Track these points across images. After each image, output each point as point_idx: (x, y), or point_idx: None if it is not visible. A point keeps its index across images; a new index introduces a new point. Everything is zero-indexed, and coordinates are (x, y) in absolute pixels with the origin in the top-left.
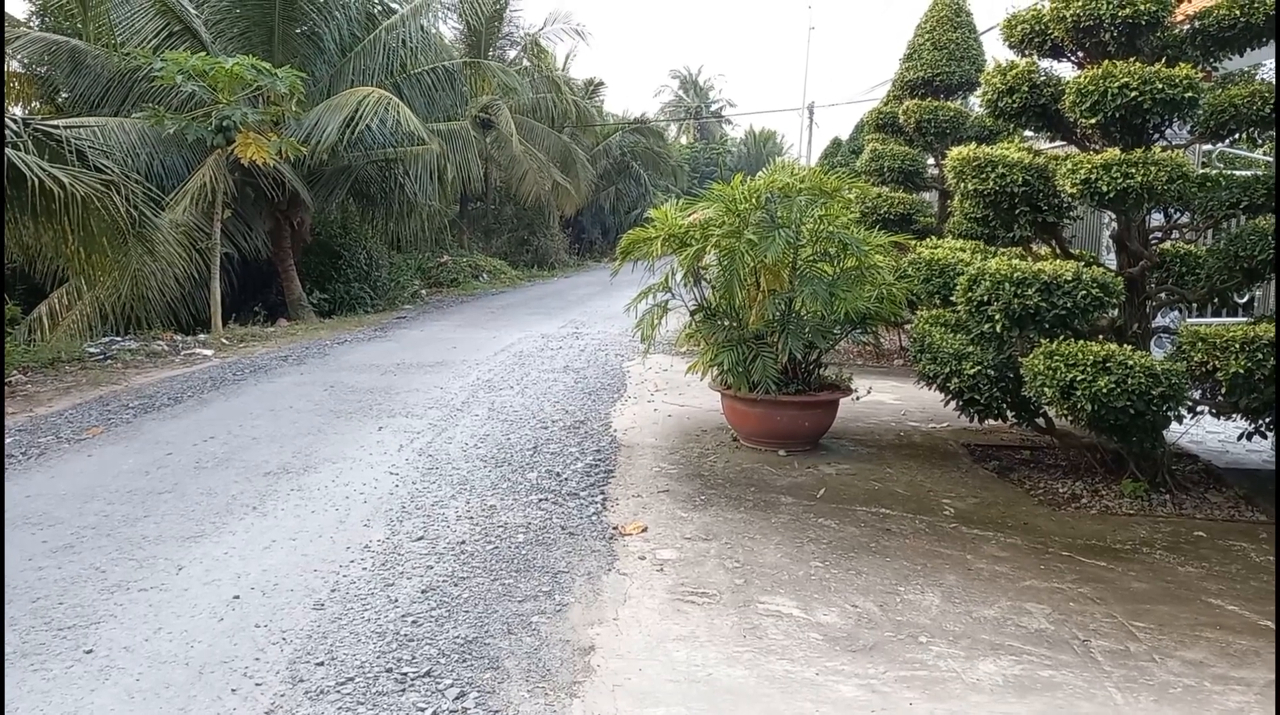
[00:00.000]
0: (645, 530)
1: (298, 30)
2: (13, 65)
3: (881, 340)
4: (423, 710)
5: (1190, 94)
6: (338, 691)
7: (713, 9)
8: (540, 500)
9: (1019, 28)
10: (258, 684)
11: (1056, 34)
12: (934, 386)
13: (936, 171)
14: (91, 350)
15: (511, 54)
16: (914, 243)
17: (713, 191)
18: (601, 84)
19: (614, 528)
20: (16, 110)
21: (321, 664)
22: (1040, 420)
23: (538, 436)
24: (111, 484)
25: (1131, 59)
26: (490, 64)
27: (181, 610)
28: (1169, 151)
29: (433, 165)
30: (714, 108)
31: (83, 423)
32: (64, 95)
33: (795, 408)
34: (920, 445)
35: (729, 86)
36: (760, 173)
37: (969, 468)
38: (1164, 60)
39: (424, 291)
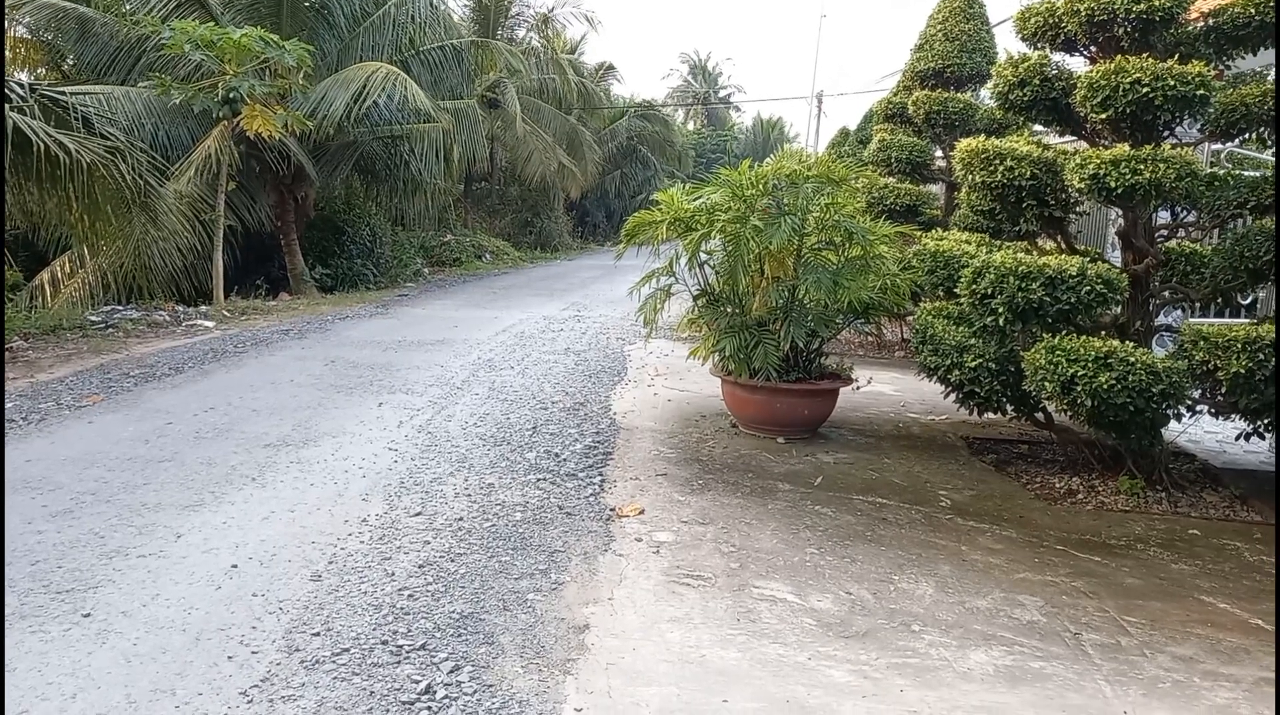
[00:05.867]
0: (642, 512)
1: (306, 3)
2: (19, 31)
3: (884, 331)
4: (417, 682)
5: (1202, 91)
6: (333, 661)
7: None
8: (538, 480)
9: (1032, 20)
10: (254, 652)
11: (1070, 27)
12: (934, 378)
13: (944, 164)
14: (93, 318)
15: (520, 33)
16: (919, 234)
17: (719, 177)
18: (611, 68)
19: (611, 509)
20: (22, 76)
21: (317, 634)
22: (1039, 415)
23: (537, 417)
24: (111, 451)
25: (1144, 55)
26: (498, 44)
27: (179, 577)
28: (1178, 149)
29: (439, 143)
30: (722, 93)
31: (83, 390)
32: (70, 62)
33: (795, 396)
34: (919, 436)
35: (738, 72)
36: (768, 159)
37: (966, 460)
38: (1177, 57)
39: (426, 270)
